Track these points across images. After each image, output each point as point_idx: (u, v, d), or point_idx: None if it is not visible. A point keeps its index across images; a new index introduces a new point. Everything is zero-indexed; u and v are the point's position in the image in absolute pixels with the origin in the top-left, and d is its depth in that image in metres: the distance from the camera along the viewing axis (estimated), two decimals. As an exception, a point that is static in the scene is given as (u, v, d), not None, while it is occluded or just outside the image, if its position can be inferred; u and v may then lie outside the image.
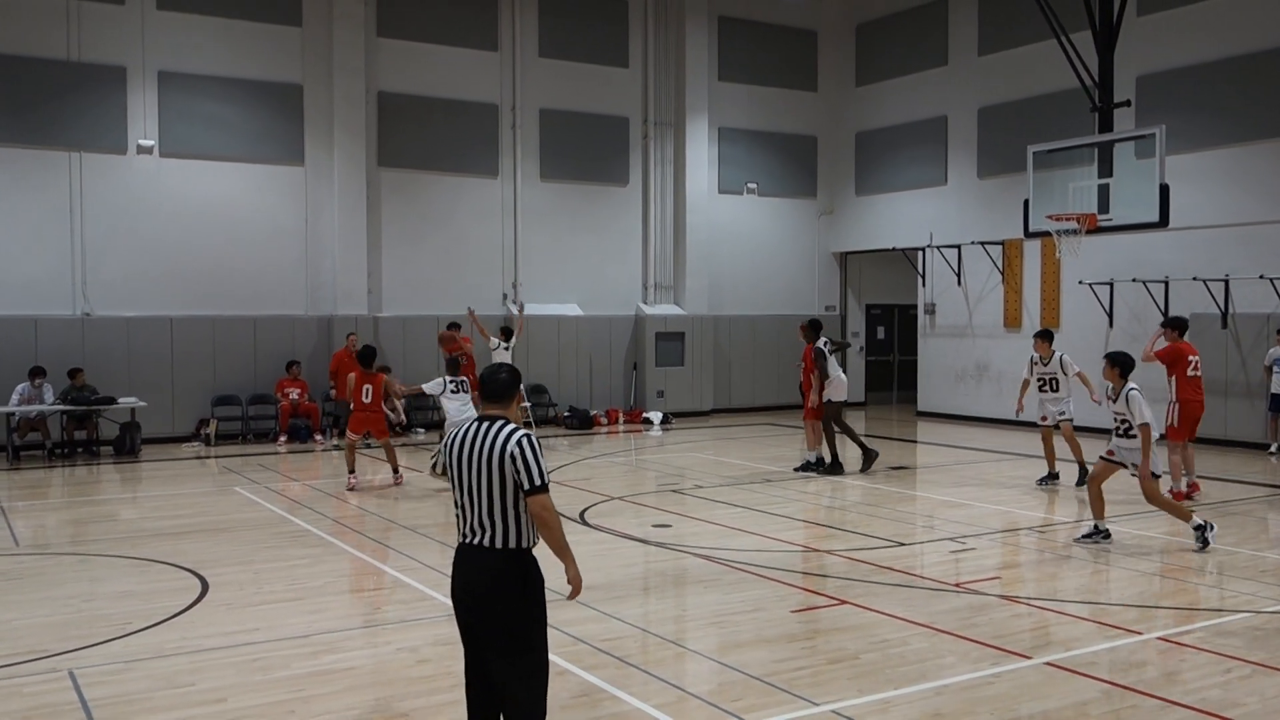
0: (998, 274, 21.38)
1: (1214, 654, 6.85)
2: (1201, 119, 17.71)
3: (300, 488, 13.96)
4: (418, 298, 20.62)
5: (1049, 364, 13.40)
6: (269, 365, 19.00)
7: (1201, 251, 17.73)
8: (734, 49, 23.87)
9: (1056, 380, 13.34)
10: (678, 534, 10.74)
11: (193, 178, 18.68)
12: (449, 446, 4.79)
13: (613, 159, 22.69)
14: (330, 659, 6.78)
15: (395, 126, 20.39)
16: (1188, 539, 10.12)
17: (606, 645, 7.00)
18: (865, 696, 6.09)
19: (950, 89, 22.38)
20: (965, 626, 7.46)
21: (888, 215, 23.93)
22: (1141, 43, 18.29)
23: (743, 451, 17.30)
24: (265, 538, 10.59)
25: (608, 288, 22.56)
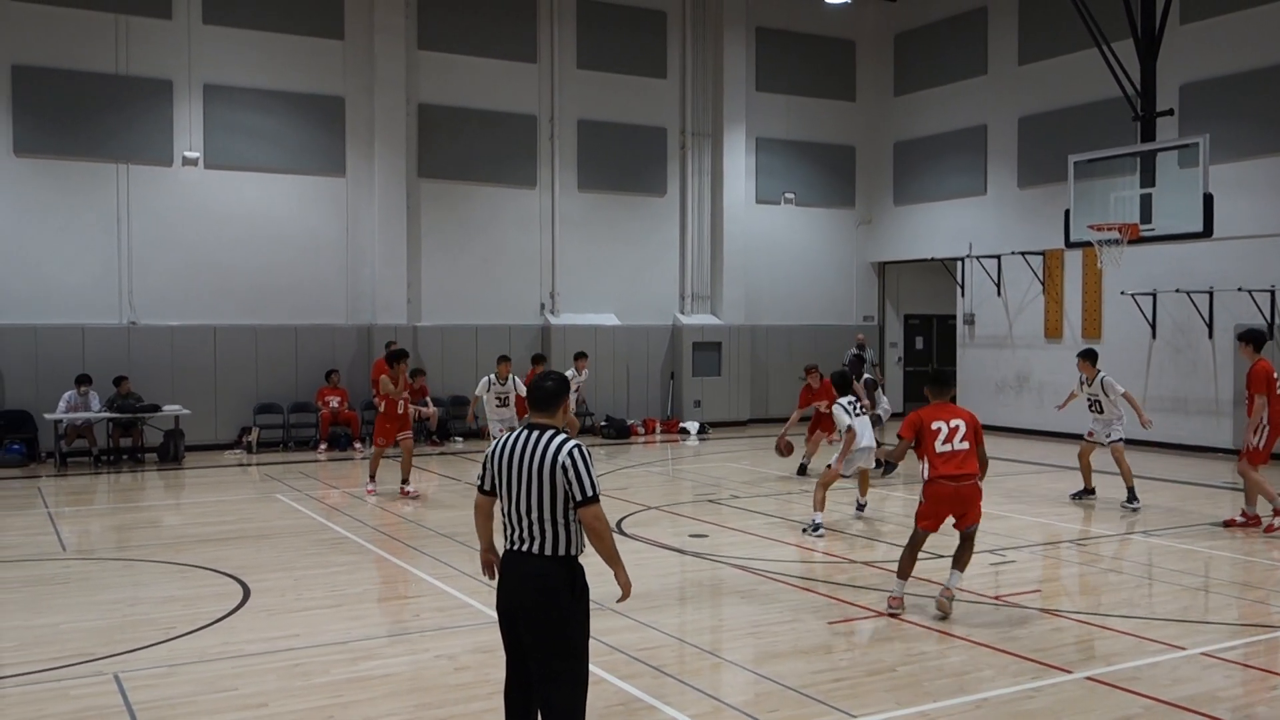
0: (1038, 284, 21.19)
1: (1260, 670, 6.75)
2: (1246, 127, 17.49)
3: (340, 495, 14.10)
4: (456, 307, 20.78)
5: (1092, 385, 12.91)
6: (310, 374, 19.21)
7: (1246, 261, 17.48)
8: (772, 59, 23.87)
9: (1100, 402, 12.80)
10: (714, 544, 10.74)
11: (236, 189, 18.96)
12: (495, 455, 4.82)
13: (650, 169, 22.75)
14: (369, 665, 6.84)
15: (435, 138, 20.57)
16: (1231, 551, 9.97)
17: (643, 655, 7.01)
18: (903, 709, 6.05)
19: (990, 98, 22.25)
20: (1005, 640, 7.40)
21: (926, 225, 23.80)
22: (1184, 51, 18.09)
23: (780, 462, 17.21)
24: (305, 544, 10.70)
25: (645, 298, 22.60)
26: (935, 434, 7.75)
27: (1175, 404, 18.60)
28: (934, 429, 7.77)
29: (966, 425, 7.80)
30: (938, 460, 7.73)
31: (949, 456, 7.71)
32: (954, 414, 7.86)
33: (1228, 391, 17.93)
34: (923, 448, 7.82)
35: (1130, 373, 18.86)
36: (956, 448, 7.72)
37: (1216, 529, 11.47)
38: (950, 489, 7.73)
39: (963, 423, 7.80)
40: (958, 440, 7.73)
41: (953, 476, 7.71)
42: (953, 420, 7.80)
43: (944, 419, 7.82)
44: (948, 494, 7.74)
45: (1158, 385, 18.86)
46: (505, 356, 15.48)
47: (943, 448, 7.72)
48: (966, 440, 7.75)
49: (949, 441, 7.72)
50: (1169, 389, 18.68)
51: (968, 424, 7.81)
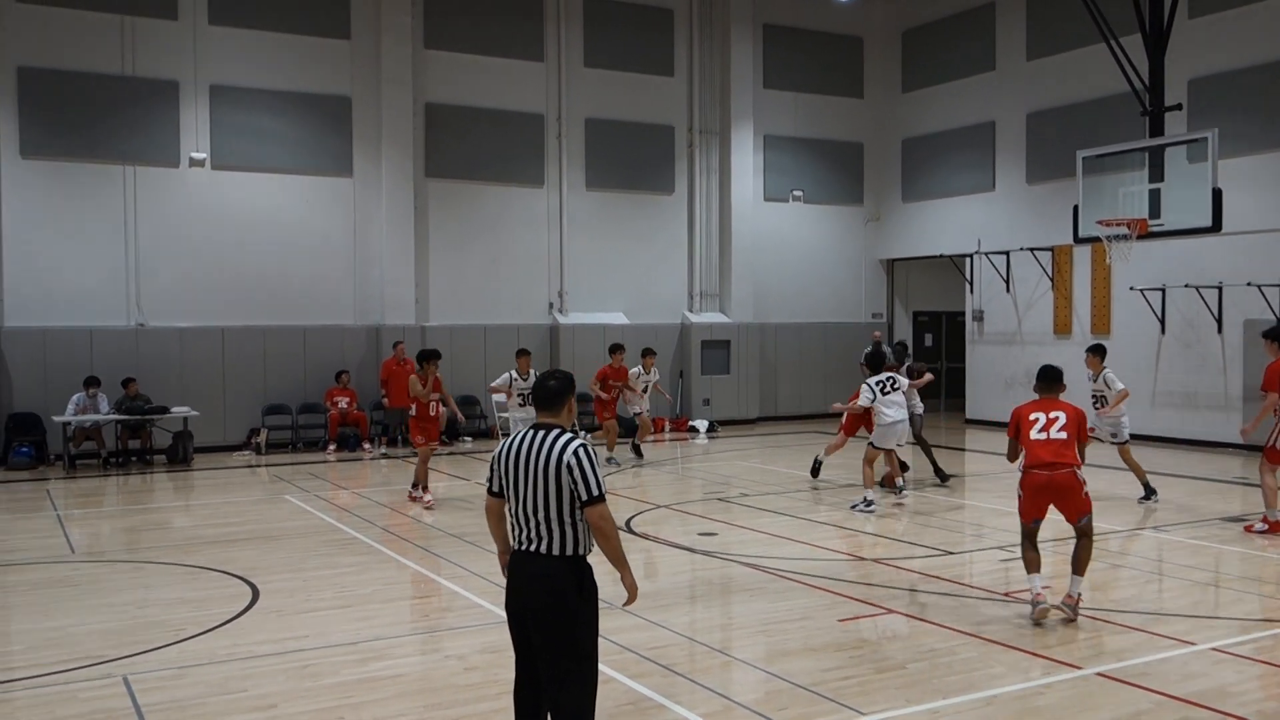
0: (1047, 280, 21.12)
1: (1270, 665, 6.72)
2: (1255, 122, 17.41)
3: (349, 496, 14.12)
4: (465, 307, 20.79)
5: (1097, 380, 12.95)
6: (318, 374, 19.23)
7: (1256, 256, 17.40)
8: (779, 56, 23.84)
9: (1104, 398, 12.79)
10: (724, 542, 10.73)
11: (244, 190, 18.99)
12: (501, 456, 4.82)
13: (658, 168, 22.74)
14: (379, 666, 6.85)
15: (442, 137, 20.58)
16: (1242, 546, 9.93)
17: (653, 654, 7.01)
18: (913, 706, 6.04)
19: (998, 94, 22.19)
20: (1015, 636, 7.37)
21: (935, 222, 23.75)
22: (1193, 45, 18.01)
23: (789, 460, 17.22)
24: (315, 545, 10.71)
25: (653, 296, 22.59)
26: (1032, 424, 7.75)
27: (1185, 399, 18.53)
28: (1031, 419, 7.78)
29: (1067, 417, 7.75)
30: (1032, 447, 7.70)
31: (1044, 444, 7.65)
32: (1056, 406, 7.84)
33: (1237, 386, 17.85)
34: (1021, 439, 7.81)
35: (1140, 368, 18.79)
36: (1053, 436, 7.65)
37: (1227, 524, 11.42)
38: (1044, 477, 7.62)
39: (1063, 414, 7.76)
40: (1055, 430, 7.67)
41: (1046, 464, 7.61)
42: (1053, 412, 7.79)
43: (1044, 410, 7.82)
44: (1042, 482, 7.64)
45: (1167, 380, 18.79)
46: (524, 350, 15.31)
47: (1038, 435, 7.68)
48: (1065, 431, 7.68)
49: (1045, 430, 7.69)
50: (1178, 384, 18.60)
51: (1069, 416, 7.76)
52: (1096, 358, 13.14)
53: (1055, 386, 8.00)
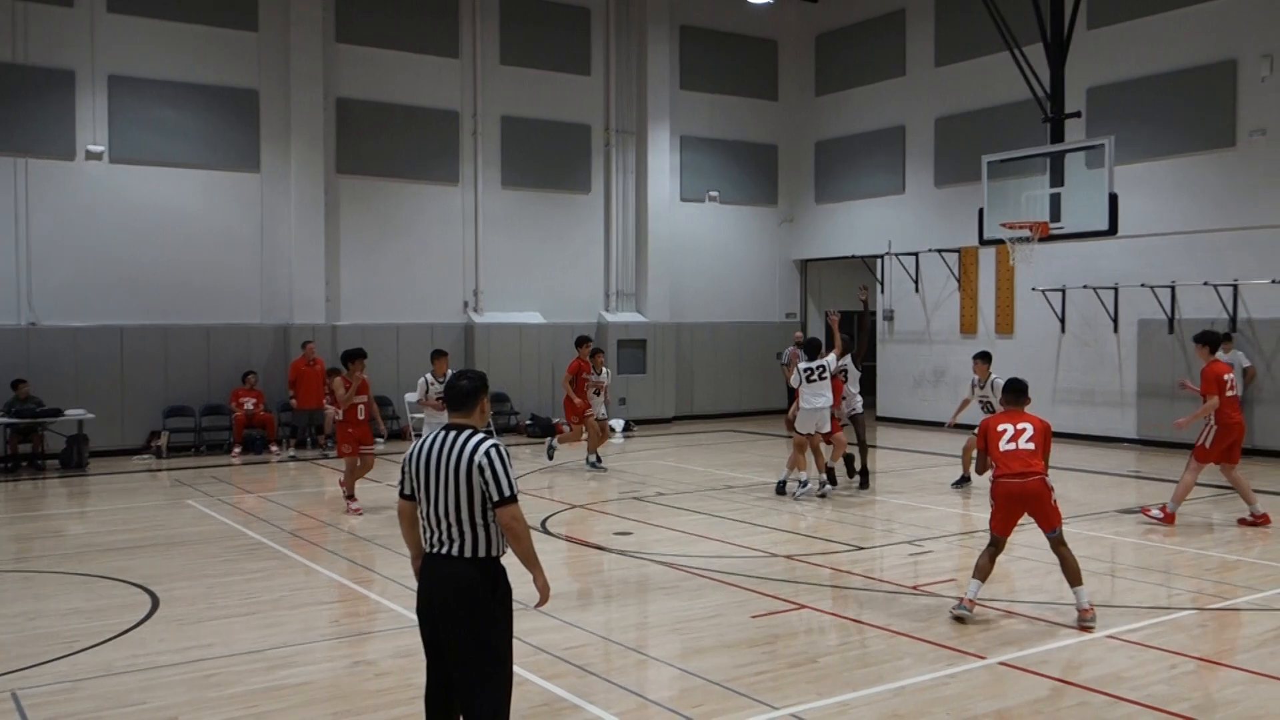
0: (954, 281, 21.60)
1: (1160, 650, 6.96)
2: (1149, 130, 18.03)
3: (255, 500, 13.81)
4: (377, 306, 20.49)
5: (984, 387, 13.33)
6: (223, 375, 18.76)
7: (1149, 258, 18.03)
8: (695, 57, 23.98)
9: (992, 404, 12.91)
10: (639, 541, 10.75)
11: (144, 184, 18.44)
12: (412, 457, 4.75)
13: (574, 166, 22.70)
14: (285, 674, 6.71)
15: (354, 133, 20.27)
16: (1135, 538, 10.28)
17: (567, 654, 6.99)
18: (824, 699, 6.12)
19: (908, 99, 22.62)
20: (922, 628, 7.52)
21: (847, 223, 24.11)
22: (1091, 55, 18.58)
23: (704, 458, 17.34)
24: (219, 551, 10.46)
25: (569, 295, 22.54)
26: (1001, 435, 7.87)
27: (1083, 396, 19.11)
28: (999, 430, 7.90)
29: (1034, 428, 7.90)
30: (1002, 458, 7.81)
31: (1013, 455, 7.78)
32: (1022, 418, 7.98)
33: (1132, 384, 18.49)
34: (990, 450, 7.93)
35: (1041, 366, 19.33)
36: (1021, 447, 7.79)
37: (1122, 516, 11.80)
38: (1015, 486, 7.73)
39: (1030, 425, 7.90)
40: (1023, 441, 7.82)
41: (1016, 474, 7.74)
42: (1020, 423, 7.92)
43: (1011, 422, 7.95)
44: (1014, 491, 7.74)
45: (1066, 378, 19.37)
46: (441, 351, 14.17)
47: (1007, 446, 7.81)
48: (1032, 441, 7.83)
49: (1014, 441, 7.82)
50: (1077, 381, 19.18)
51: (1036, 427, 7.91)
52: (984, 364, 13.45)
53: (1021, 399, 8.18)
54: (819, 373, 12.94)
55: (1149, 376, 18.27)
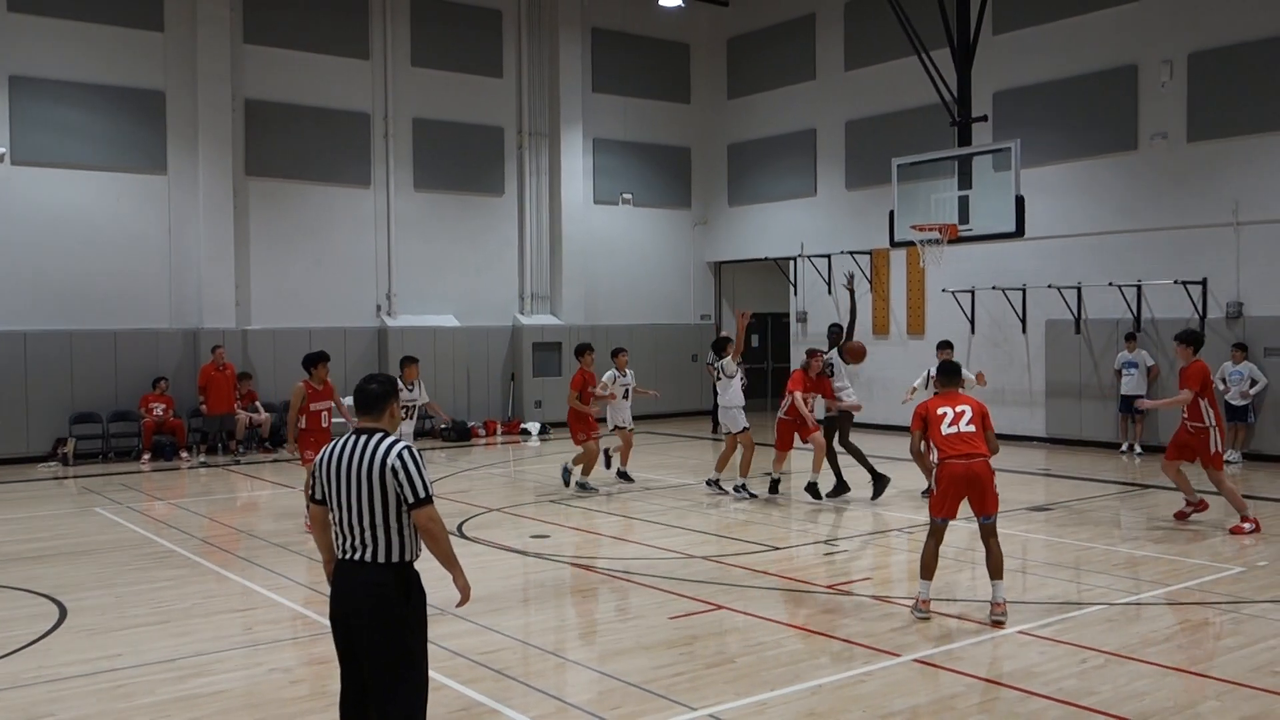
0: (866, 282, 21.97)
1: (1071, 645, 7.18)
2: (1054, 133, 18.56)
3: (165, 507, 13.48)
4: (288, 310, 20.14)
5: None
6: (131, 381, 18.27)
7: (1056, 260, 18.56)
8: (607, 60, 24.03)
9: None
10: (557, 544, 10.75)
11: (47, 186, 17.89)
12: (322, 462, 4.70)
13: (487, 169, 22.59)
14: (199, 683, 6.57)
15: (263, 135, 19.90)
16: (1046, 534, 10.58)
17: (485, 658, 6.96)
18: (742, 699, 6.19)
19: (818, 102, 22.95)
20: (838, 627, 7.65)
21: (760, 225, 24.37)
22: (997, 61, 19.07)
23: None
24: (128, 559, 10.20)
25: (484, 298, 22.42)
26: (941, 419, 7.90)
27: (993, 395, 19.49)
28: (939, 413, 7.91)
29: (973, 410, 7.95)
30: (947, 440, 7.84)
31: (956, 438, 7.82)
32: (961, 400, 8.03)
33: (1040, 383, 19.00)
34: (930, 434, 7.95)
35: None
36: (963, 429, 7.84)
37: (1032, 513, 12.13)
38: (962, 466, 7.77)
39: (968, 408, 7.95)
40: (964, 423, 7.87)
41: (963, 455, 7.79)
42: (959, 405, 7.96)
43: (950, 405, 7.98)
44: (959, 471, 7.77)
45: (977, 378, 19.82)
46: (411, 358, 13.16)
47: (949, 430, 7.85)
48: (973, 424, 7.89)
49: (955, 424, 7.86)
50: (987, 380, 19.61)
51: (974, 409, 7.96)
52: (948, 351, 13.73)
53: (955, 380, 8.29)
54: (719, 373, 13.35)
55: (1057, 376, 18.80)
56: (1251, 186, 16.44)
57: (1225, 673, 6.59)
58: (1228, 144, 16.72)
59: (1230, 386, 16.11)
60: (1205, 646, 7.26)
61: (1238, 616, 7.84)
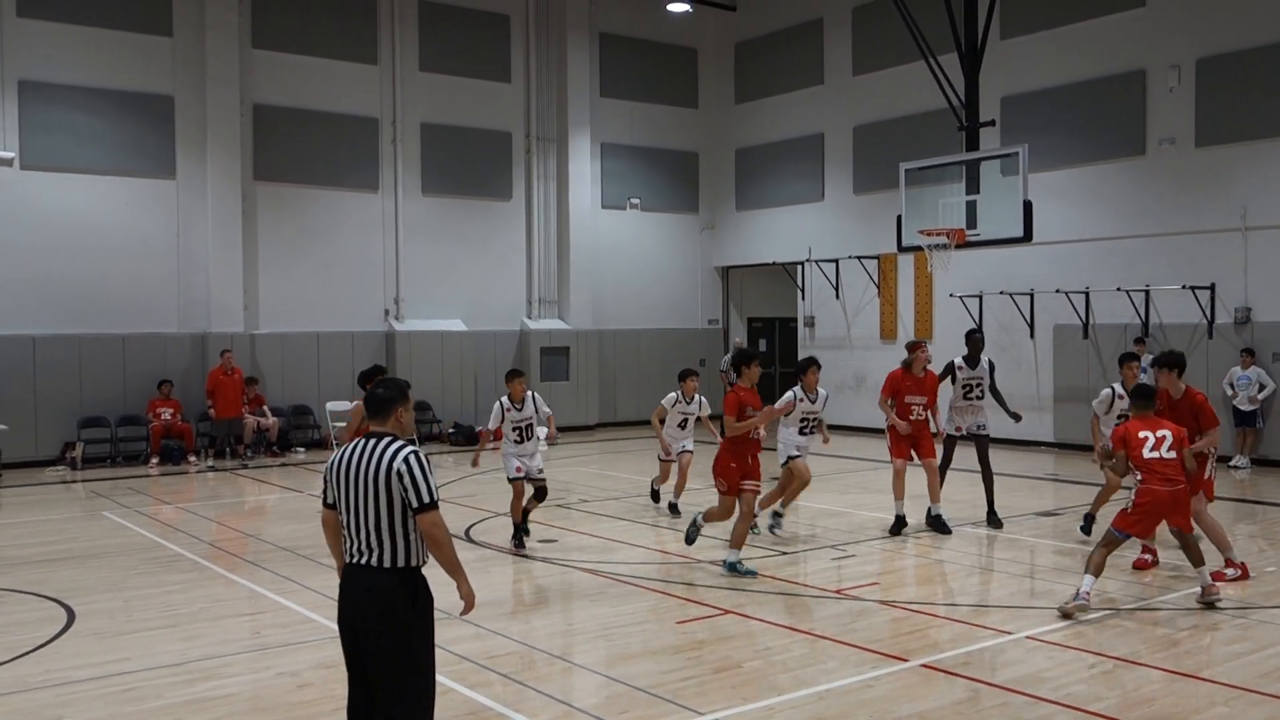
0: (874, 287, 21.96)
1: (1079, 650, 7.16)
2: (1061, 138, 18.54)
3: (173, 511, 13.52)
4: (296, 314, 20.18)
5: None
6: (139, 385, 18.32)
7: (1063, 265, 18.53)
8: (615, 65, 24.06)
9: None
10: (563, 548, 10.75)
11: (57, 191, 17.96)
12: (332, 466, 4.72)
13: (495, 174, 22.62)
14: (206, 686, 6.59)
15: (271, 139, 19.96)
16: (1054, 539, 10.54)
17: (491, 662, 6.97)
18: (749, 705, 6.18)
19: (826, 107, 22.95)
20: (845, 632, 7.64)
21: (768, 230, 24.37)
22: (1005, 65, 19.06)
23: (628, 465, 17.38)
24: (136, 564, 10.22)
25: (491, 303, 22.45)
26: (1142, 442, 8.07)
27: (1001, 401, 19.50)
28: (1140, 437, 8.08)
29: (1173, 436, 8.11)
30: (1146, 466, 8.02)
31: (1159, 463, 8.00)
32: (1161, 425, 8.18)
33: (1048, 388, 18.97)
34: (1131, 456, 8.12)
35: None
36: (1165, 455, 8.02)
37: (1040, 519, 12.09)
38: (1167, 493, 7.96)
39: (1169, 434, 8.10)
40: (1165, 449, 8.04)
41: (1167, 480, 7.97)
42: (1160, 431, 8.12)
43: (1151, 429, 8.14)
44: (1164, 498, 7.95)
45: (985, 383, 19.77)
46: (516, 371, 11.43)
47: (1151, 454, 8.02)
48: (1173, 450, 8.06)
49: (1157, 449, 8.03)
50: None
51: (1174, 435, 8.13)
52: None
53: (1151, 404, 8.38)
54: None
55: (1065, 380, 18.77)
56: (1259, 191, 16.40)
57: (1233, 678, 6.56)
58: (1236, 149, 16.69)
59: (1238, 392, 16.09)
60: (1213, 652, 7.23)
61: (1246, 622, 7.81)
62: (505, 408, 10.86)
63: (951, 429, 11.90)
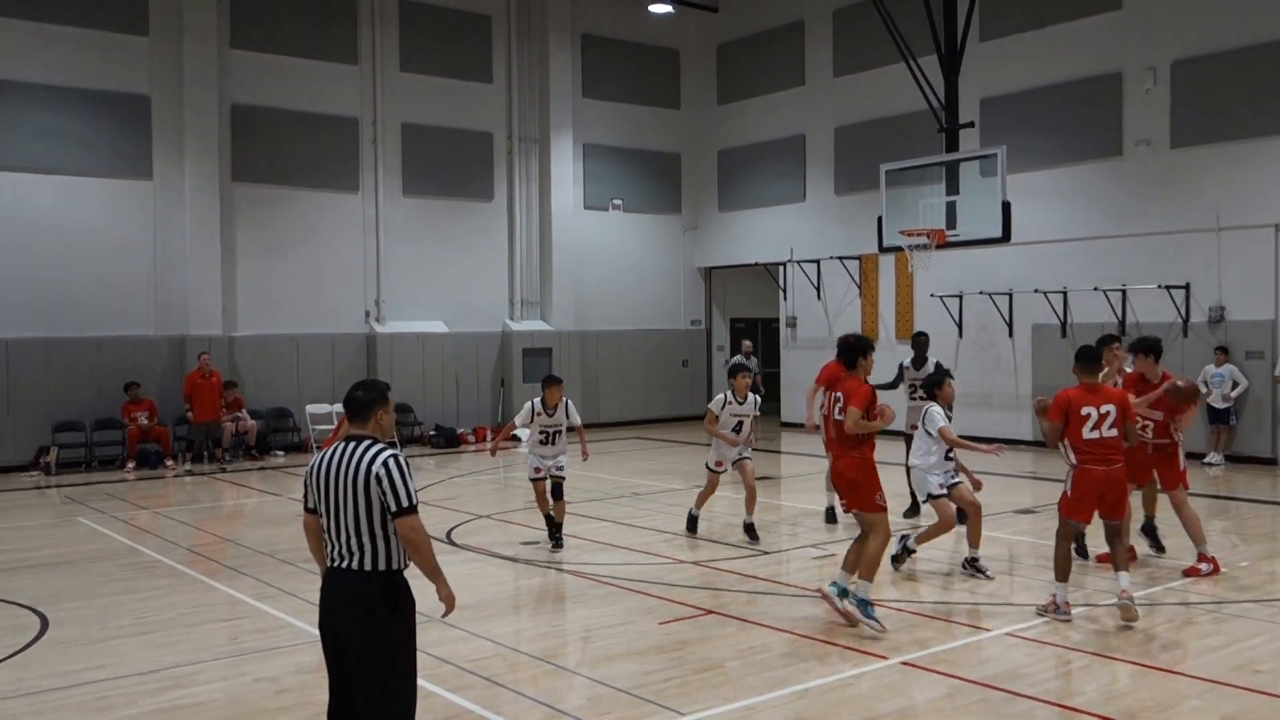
0: (855, 288, 22.01)
1: (1055, 646, 7.18)
2: (1039, 140, 18.63)
3: (150, 516, 13.41)
4: (276, 316, 20.06)
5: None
6: (115, 388, 18.14)
7: (1042, 265, 18.61)
8: (597, 66, 24.04)
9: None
10: (546, 550, 10.71)
11: (29, 192, 17.77)
12: (313, 470, 4.69)
13: (477, 174, 22.56)
14: (182, 694, 6.52)
15: (250, 140, 19.84)
16: (1032, 537, 10.58)
17: (473, 665, 6.93)
18: (730, 704, 6.17)
19: (808, 108, 22.99)
20: (826, 631, 7.64)
21: (750, 231, 24.40)
22: (984, 67, 19.13)
23: (611, 466, 17.35)
24: (112, 570, 10.13)
25: (473, 304, 22.38)
26: (1084, 420, 7.54)
27: (981, 399, 19.61)
28: (1083, 414, 7.54)
29: (1117, 409, 7.59)
30: (1085, 447, 7.58)
31: (1098, 444, 7.51)
32: (1105, 398, 7.61)
33: (1027, 386, 19.04)
34: (1069, 433, 7.63)
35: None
36: (1105, 434, 7.52)
37: (1019, 515, 12.14)
38: (1103, 472, 7.54)
39: (1113, 407, 7.58)
40: (1106, 427, 7.53)
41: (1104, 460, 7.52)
42: (1103, 406, 7.59)
43: (1094, 404, 7.59)
44: (1100, 477, 7.52)
45: (964, 382, 19.77)
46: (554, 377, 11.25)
47: (1091, 434, 7.53)
48: (1115, 427, 7.54)
49: (1097, 429, 7.54)
50: (975, 385, 19.66)
51: (1118, 407, 7.60)
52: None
53: (1096, 368, 7.83)
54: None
55: (1044, 379, 18.81)
56: (1233, 192, 16.52)
57: (1206, 672, 6.61)
58: (1210, 150, 16.81)
59: (1213, 389, 16.22)
60: (1187, 646, 7.27)
61: (1219, 616, 7.85)
62: (537, 410, 10.88)
63: (905, 427, 12.06)
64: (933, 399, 9.48)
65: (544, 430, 10.88)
